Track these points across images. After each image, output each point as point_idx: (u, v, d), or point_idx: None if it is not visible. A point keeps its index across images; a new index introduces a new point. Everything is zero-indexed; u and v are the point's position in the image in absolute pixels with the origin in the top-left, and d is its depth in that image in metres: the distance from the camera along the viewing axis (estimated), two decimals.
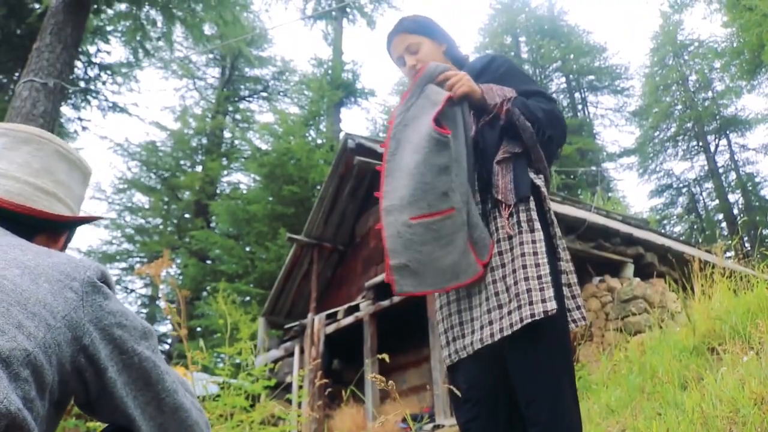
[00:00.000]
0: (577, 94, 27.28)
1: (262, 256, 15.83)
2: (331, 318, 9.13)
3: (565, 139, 1.84)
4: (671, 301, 6.49)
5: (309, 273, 10.05)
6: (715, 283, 4.20)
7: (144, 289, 21.66)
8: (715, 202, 24.20)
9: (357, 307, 8.64)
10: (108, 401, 0.88)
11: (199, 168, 21.86)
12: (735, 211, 23.18)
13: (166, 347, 18.33)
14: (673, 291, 6.35)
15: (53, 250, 0.93)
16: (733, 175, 23.98)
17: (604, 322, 6.50)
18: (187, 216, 21.08)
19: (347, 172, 9.58)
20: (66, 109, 11.42)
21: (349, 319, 8.70)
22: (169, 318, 3.51)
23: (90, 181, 1.17)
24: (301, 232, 10.06)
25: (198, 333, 16.17)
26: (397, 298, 7.75)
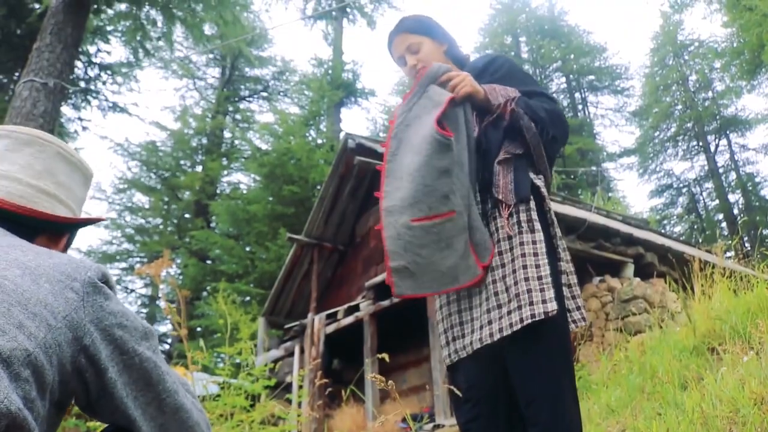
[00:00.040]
0: (577, 94, 27.29)
1: (262, 256, 15.84)
2: (331, 318, 9.14)
3: (567, 138, 1.84)
4: (671, 301, 6.49)
5: (309, 273, 10.05)
6: (715, 283, 4.20)
7: (144, 289, 21.70)
8: (715, 202, 24.21)
9: (357, 307, 8.65)
10: (108, 402, 0.88)
11: (199, 168, 21.87)
12: (735, 211, 23.20)
13: (167, 347, 18.33)
14: (673, 291, 6.35)
15: (54, 251, 0.93)
16: (733, 175, 24.00)
17: (604, 322, 6.50)
18: (187, 216, 21.09)
19: (347, 172, 9.58)
20: (66, 109, 11.43)
21: (349, 319, 8.70)
22: (169, 318, 3.51)
23: (91, 183, 1.17)
24: (302, 232, 10.06)
25: (198, 333, 16.18)
26: (397, 298, 7.75)
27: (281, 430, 3.85)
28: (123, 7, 8.28)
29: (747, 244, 18.49)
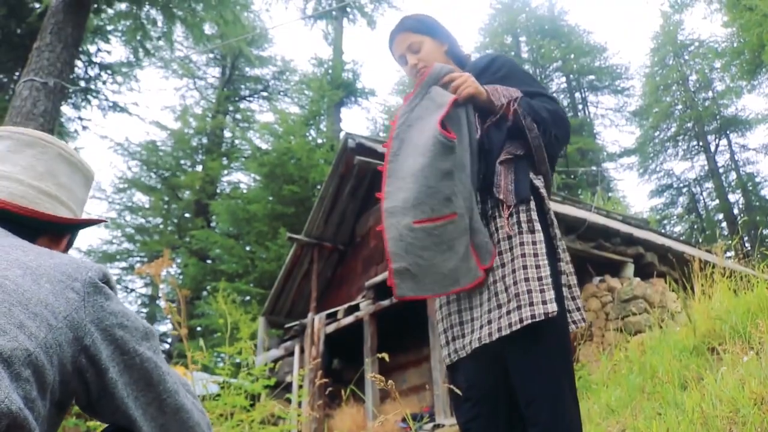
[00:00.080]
0: (577, 94, 27.29)
1: (262, 256, 15.84)
2: (331, 317, 9.14)
3: (569, 138, 1.84)
4: (671, 301, 6.49)
5: (309, 272, 10.06)
6: (716, 283, 4.20)
7: (144, 289, 21.72)
8: (716, 202, 24.21)
9: (357, 307, 8.65)
10: (109, 402, 0.88)
11: (199, 167, 21.87)
12: (735, 211, 23.20)
13: (167, 346, 18.33)
14: (674, 291, 6.35)
15: (55, 252, 0.93)
16: (733, 175, 24.00)
17: (604, 321, 6.50)
18: (187, 215, 21.09)
19: (347, 171, 9.58)
20: (66, 109, 11.43)
21: (349, 319, 8.70)
22: (169, 317, 3.51)
23: (92, 185, 1.18)
24: (302, 232, 10.06)
25: (198, 332, 16.18)
26: (398, 299, 7.74)
27: (281, 430, 3.85)
28: (123, 6, 8.28)
29: (747, 244, 18.49)
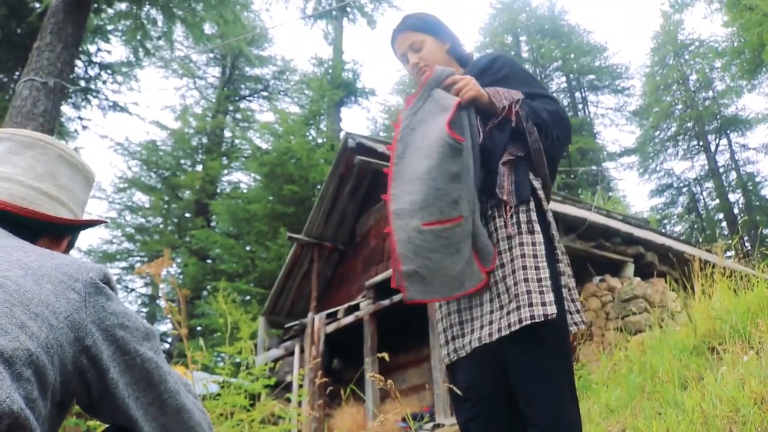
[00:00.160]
0: (577, 94, 27.28)
1: (262, 256, 15.83)
2: (332, 317, 9.14)
3: (570, 139, 1.84)
4: (671, 301, 6.49)
5: (309, 272, 10.06)
6: (716, 282, 4.20)
7: (144, 288, 21.72)
8: (716, 202, 24.21)
9: (357, 307, 8.65)
10: (110, 402, 0.88)
11: (199, 167, 21.87)
12: (735, 211, 23.19)
13: (167, 346, 18.34)
14: (674, 290, 6.35)
15: (56, 252, 0.93)
16: (733, 174, 24.00)
17: (604, 321, 6.50)
18: (187, 215, 21.09)
19: (347, 171, 9.58)
20: (66, 109, 11.42)
21: (349, 319, 8.70)
22: (169, 317, 3.51)
23: (93, 186, 1.18)
24: (302, 232, 10.06)
25: (198, 332, 16.18)
26: (397, 298, 7.75)
27: (281, 430, 3.85)
28: (123, 6, 8.27)
29: (747, 244, 18.50)
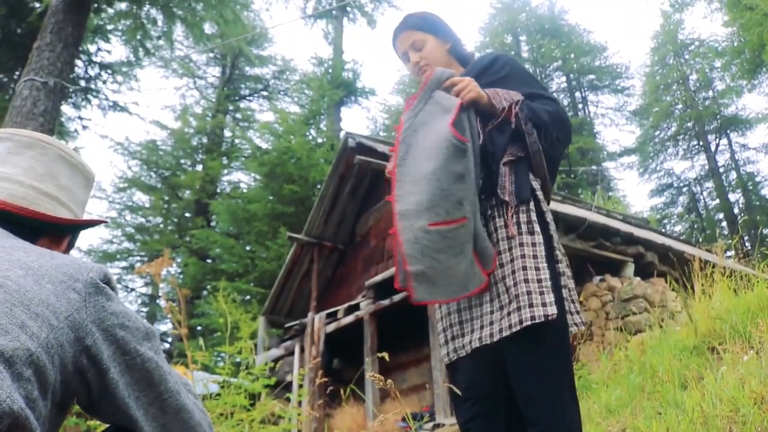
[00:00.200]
0: (577, 94, 27.27)
1: (262, 255, 15.83)
2: (332, 317, 9.14)
3: (571, 139, 1.84)
4: (671, 301, 6.50)
5: (309, 272, 10.06)
6: (716, 282, 4.21)
7: (144, 288, 21.72)
8: (716, 202, 24.20)
9: (357, 306, 8.65)
10: (110, 402, 0.88)
11: (199, 167, 21.86)
12: (735, 211, 23.19)
13: (167, 346, 18.34)
14: (674, 290, 6.35)
15: (56, 252, 0.93)
16: (733, 174, 23.99)
17: (604, 321, 6.50)
18: (187, 215, 21.09)
19: (347, 171, 9.58)
20: (66, 108, 11.41)
21: (349, 318, 8.70)
22: (169, 317, 3.51)
23: (93, 186, 1.18)
24: (302, 231, 10.06)
25: (198, 332, 16.17)
26: (397, 297, 7.75)
27: (281, 429, 3.85)
28: (123, 6, 8.27)
29: (747, 244, 18.50)
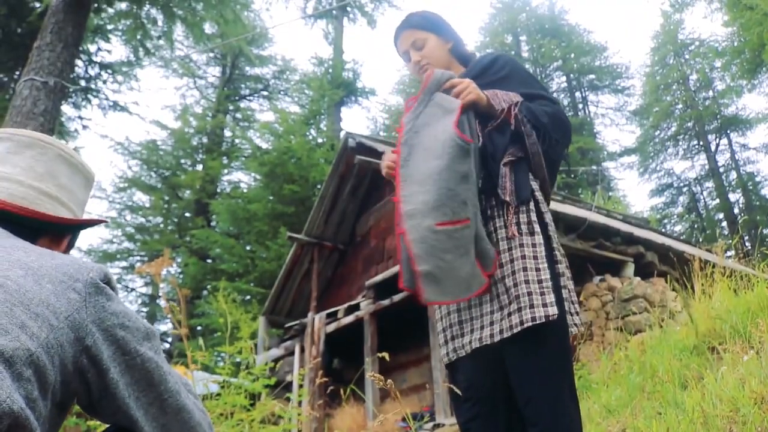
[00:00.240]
0: (577, 93, 27.26)
1: (262, 255, 15.83)
2: (332, 317, 9.14)
3: (570, 140, 1.84)
4: (671, 301, 6.50)
5: (309, 272, 10.06)
6: (716, 282, 4.21)
7: (144, 288, 21.72)
8: (716, 202, 24.19)
9: (357, 306, 8.65)
10: (110, 402, 0.88)
11: (199, 167, 21.86)
12: (735, 211, 23.18)
13: (167, 346, 18.34)
14: (674, 290, 6.35)
15: (56, 252, 0.93)
16: (733, 174, 23.99)
17: (604, 321, 6.50)
18: (187, 215, 21.09)
19: (348, 171, 9.58)
20: (66, 108, 11.41)
21: (349, 318, 8.70)
22: (169, 317, 3.51)
23: (93, 185, 1.18)
24: (302, 231, 10.06)
25: (198, 332, 16.17)
26: (397, 297, 7.75)
27: (281, 429, 3.85)
28: (123, 5, 8.27)
29: (747, 244, 18.50)
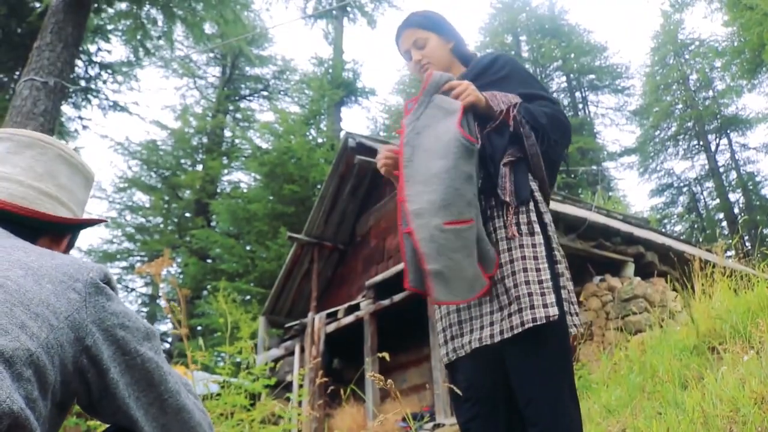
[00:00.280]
0: (577, 93, 27.25)
1: (262, 255, 15.83)
2: (332, 317, 9.14)
3: (570, 141, 1.84)
4: (672, 301, 6.50)
5: (309, 272, 10.05)
6: (716, 282, 4.21)
7: (144, 288, 21.72)
8: (716, 202, 24.19)
9: (357, 306, 8.65)
10: (110, 402, 0.88)
11: (199, 167, 21.86)
12: (735, 211, 23.18)
13: (167, 346, 18.34)
14: (674, 290, 6.35)
15: (56, 252, 0.93)
16: (733, 174, 23.98)
17: (604, 321, 6.50)
18: (187, 215, 21.09)
19: (348, 171, 9.58)
20: (66, 108, 11.41)
21: (349, 318, 8.70)
22: (169, 317, 3.51)
23: (92, 185, 1.18)
24: (302, 231, 10.06)
25: (198, 332, 16.17)
26: (397, 297, 7.75)
27: (281, 429, 3.85)
28: (123, 6, 8.27)
29: (747, 244, 18.50)
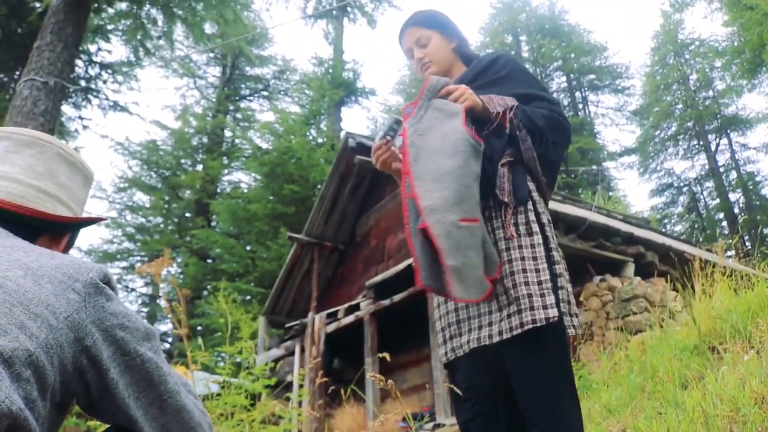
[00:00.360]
0: (577, 93, 27.25)
1: (262, 255, 15.83)
2: (332, 317, 9.14)
3: (570, 141, 1.83)
4: (672, 300, 6.49)
5: (309, 272, 10.06)
6: (716, 282, 4.20)
7: (144, 288, 21.73)
8: (716, 201, 24.19)
9: (357, 306, 8.65)
10: (110, 402, 0.88)
11: (199, 167, 21.87)
12: (736, 210, 23.18)
13: (167, 346, 18.34)
14: (674, 290, 6.35)
15: (56, 252, 0.93)
16: (733, 174, 23.98)
17: (604, 321, 6.50)
18: (187, 215, 21.09)
19: (348, 171, 9.58)
20: (67, 108, 11.41)
21: (349, 318, 8.70)
22: (169, 317, 3.51)
23: (92, 184, 1.18)
24: (302, 231, 10.06)
25: (198, 332, 16.17)
26: (397, 297, 7.75)
27: (281, 430, 3.85)
28: (123, 5, 8.27)
29: (747, 243, 18.50)
